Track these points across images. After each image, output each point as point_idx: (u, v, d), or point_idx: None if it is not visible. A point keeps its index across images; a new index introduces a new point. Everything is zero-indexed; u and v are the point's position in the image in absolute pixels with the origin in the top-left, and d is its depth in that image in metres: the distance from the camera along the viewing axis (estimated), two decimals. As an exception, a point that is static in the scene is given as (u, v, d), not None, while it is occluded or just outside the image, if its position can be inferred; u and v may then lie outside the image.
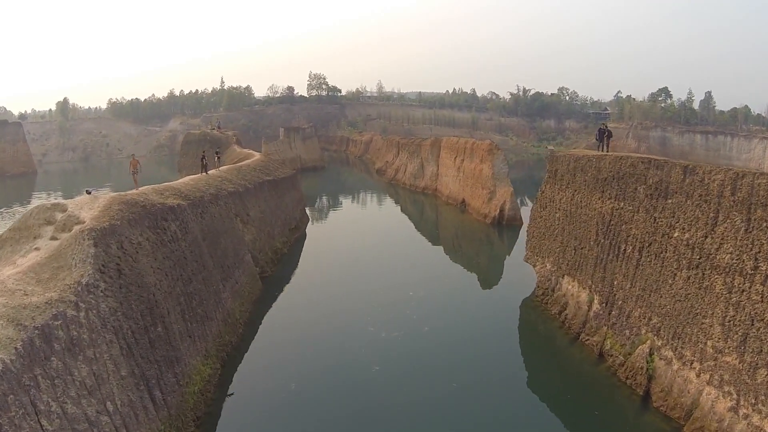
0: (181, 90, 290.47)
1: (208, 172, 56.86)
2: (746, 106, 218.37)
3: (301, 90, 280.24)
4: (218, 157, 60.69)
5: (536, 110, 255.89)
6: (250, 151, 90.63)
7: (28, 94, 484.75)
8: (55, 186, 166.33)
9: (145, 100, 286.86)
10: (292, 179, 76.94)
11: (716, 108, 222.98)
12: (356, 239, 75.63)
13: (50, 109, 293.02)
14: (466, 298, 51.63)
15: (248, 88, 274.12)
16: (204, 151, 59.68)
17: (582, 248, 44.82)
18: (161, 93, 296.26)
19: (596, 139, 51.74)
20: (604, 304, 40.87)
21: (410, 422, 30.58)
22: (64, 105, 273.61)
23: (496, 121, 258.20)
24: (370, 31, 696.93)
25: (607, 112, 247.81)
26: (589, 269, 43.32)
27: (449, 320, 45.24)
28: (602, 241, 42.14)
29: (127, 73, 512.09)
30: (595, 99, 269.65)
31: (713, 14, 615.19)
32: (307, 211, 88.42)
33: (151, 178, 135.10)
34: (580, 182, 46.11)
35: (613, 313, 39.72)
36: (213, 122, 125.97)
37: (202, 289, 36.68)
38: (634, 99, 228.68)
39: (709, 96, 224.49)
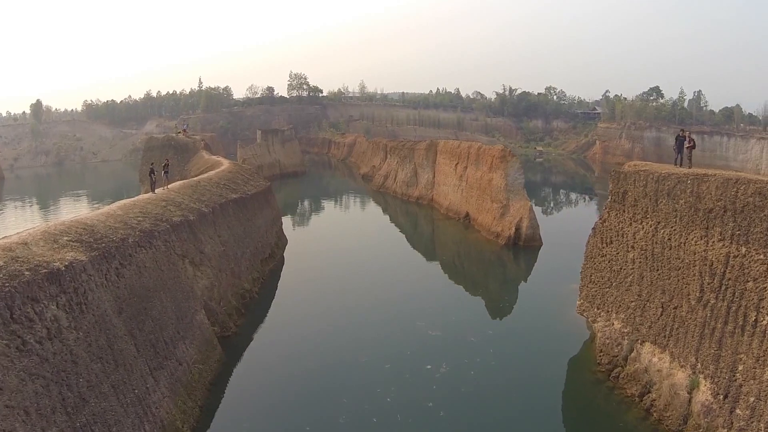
0: (158, 91, 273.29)
1: (155, 191, 41.77)
2: (738, 106, 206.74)
3: (282, 91, 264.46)
4: (165, 172, 45.19)
5: (523, 110, 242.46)
6: (219, 159, 75.19)
7: (4, 98, 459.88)
8: (28, 191, 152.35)
9: (122, 101, 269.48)
10: (265, 194, 61.42)
11: (707, 107, 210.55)
12: (344, 266, 60.41)
13: (24, 112, 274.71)
14: (501, 364, 36.74)
15: (227, 89, 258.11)
16: (152, 164, 44.27)
17: (676, 307, 30.39)
18: (139, 95, 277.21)
19: (674, 150, 37.17)
20: (720, 396, 26.54)
21: None
22: (37, 107, 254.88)
23: (482, 121, 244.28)
24: (352, 32, 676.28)
25: (596, 111, 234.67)
26: (691, 340, 28.94)
27: (489, 416, 30.35)
28: (713, 301, 27.84)
29: (105, 77, 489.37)
30: (583, 98, 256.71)
31: (700, 13, 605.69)
32: (287, 226, 73.30)
33: (129, 185, 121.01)
34: (668, 212, 31.63)
35: (738, 411, 25.46)
36: (179, 125, 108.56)
37: (110, 407, 21.44)
38: (624, 98, 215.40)
39: (698, 95, 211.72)
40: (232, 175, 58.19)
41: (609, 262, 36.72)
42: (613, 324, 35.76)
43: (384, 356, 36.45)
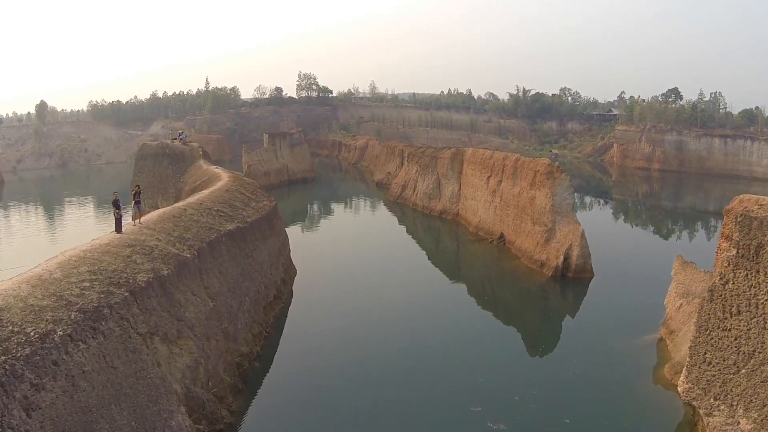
0: (164, 92, 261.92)
1: (122, 230, 30.89)
2: (758, 108, 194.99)
3: (291, 91, 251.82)
4: (137, 202, 33.88)
5: (537, 112, 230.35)
6: (218, 171, 64.12)
7: (10, 99, 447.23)
8: (29, 194, 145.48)
9: (127, 102, 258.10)
10: (269, 218, 50.01)
11: (725, 110, 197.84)
12: (363, 304, 49.23)
13: (29, 113, 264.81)
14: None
15: (234, 89, 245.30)
16: (115, 193, 33.03)
17: None
18: (145, 96, 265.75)
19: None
20: None
21: None
22: (41, 108, 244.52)
23: (495, 123, 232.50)
24: (361, 32, 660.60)
25: (612, 113, 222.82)
26: None
27: None
28: None
29: (111, 77, 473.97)
30: (599, 100, 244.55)
31: (712, 12, 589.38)
32: (295, 244, 61.35)
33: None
34: None
35: None
36: (175, 131, 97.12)
37: None
38: (643, 100, 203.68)
39: (715, 97, 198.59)
40: (229, 195, 47.27)
41: (735, 339, 25.85)
42: (738, 423, 24.98)
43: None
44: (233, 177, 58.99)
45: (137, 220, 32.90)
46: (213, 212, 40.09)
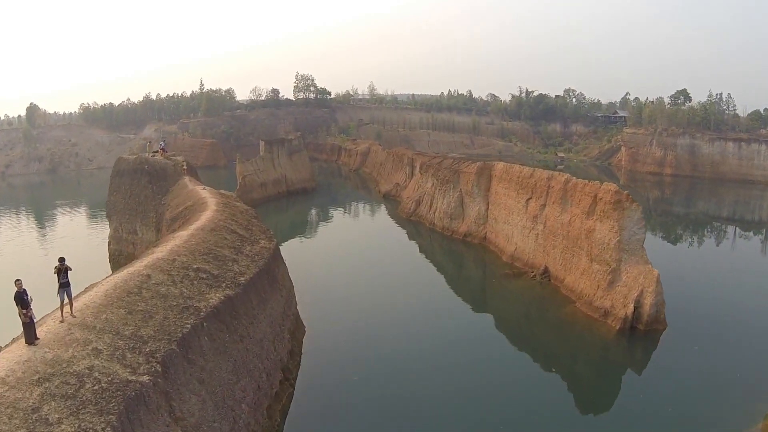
0: (158, 94, 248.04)
1: (36, 338, 18.49)
2: (766, 110, 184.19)
3: (288, 93, 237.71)
4: (62, 284, 20.12)
5: (540, 113, 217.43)
6: (204, 194, 51.17)
7: (2, 101, 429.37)
8: (21, 201, 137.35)
9: (120, 104, 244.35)
10: (269, 269, 36.93)
11: (733, 111, 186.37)
12: (390, 362, 37.90)
13: (19, 116, 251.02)
14: None
15: (229, 91, 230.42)
16: (18, 282, 18.31)
17: None
18: (138, 98, 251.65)
19: None
20: None
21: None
22: (32, 111, 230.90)
23: (497, 125, 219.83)
24: (361, 32, 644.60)
25: (618, 115, 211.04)
26: None
27: None
28: None
29: (104, 78, 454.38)
30: (602, 101, 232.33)
31: (717, 12, 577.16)
32: (296, 275, 48.51)
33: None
34: None
35: None
36: (154, 142, 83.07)
37: None
38: (651, 102, 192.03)
39: (719, 98, 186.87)
40: (215, 239, 34.93)
41: None
42: None
43: None
44: (222, 204, 46.54)
45: (66, 313, 20.56)
46: (191, 274, 27.78)
